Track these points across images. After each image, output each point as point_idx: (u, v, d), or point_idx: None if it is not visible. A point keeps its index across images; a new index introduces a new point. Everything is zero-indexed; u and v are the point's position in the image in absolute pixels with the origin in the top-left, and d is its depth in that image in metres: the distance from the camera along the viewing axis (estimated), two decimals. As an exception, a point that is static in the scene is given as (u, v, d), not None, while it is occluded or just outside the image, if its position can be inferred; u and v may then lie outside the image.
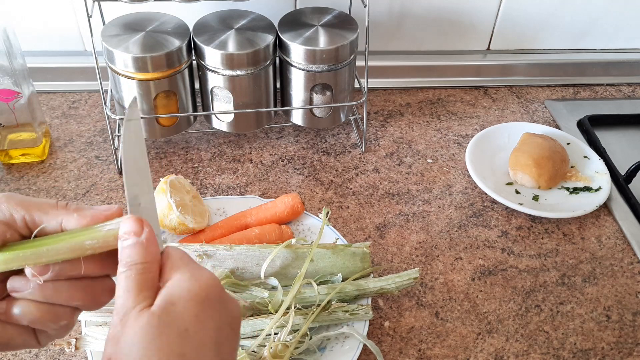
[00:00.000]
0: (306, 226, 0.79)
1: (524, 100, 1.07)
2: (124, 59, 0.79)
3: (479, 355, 0.68)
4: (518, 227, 0.83)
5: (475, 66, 1.10)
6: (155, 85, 0.82)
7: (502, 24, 1.08)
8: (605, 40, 1.13)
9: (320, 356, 0.64)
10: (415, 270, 0.69)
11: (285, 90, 0.90)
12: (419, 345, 0.69)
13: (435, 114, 1.03)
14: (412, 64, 1.08)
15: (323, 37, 0.84)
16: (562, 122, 1.02)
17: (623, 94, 1.11)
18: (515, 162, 0.88)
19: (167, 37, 0.81)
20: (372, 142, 0.96)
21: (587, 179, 0.89)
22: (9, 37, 0.78)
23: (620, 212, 0.86)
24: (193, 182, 0.87)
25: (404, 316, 0.71)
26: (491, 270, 0.78)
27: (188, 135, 0.94)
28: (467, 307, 0.73)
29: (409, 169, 0.92)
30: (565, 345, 0.70)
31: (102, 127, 0.95)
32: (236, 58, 0.81)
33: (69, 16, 0.97)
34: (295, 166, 0.91)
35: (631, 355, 0.69)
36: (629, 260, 0.80)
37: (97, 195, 0.84)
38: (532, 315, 0.73)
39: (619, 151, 0.97)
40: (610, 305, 0.74)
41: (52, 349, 0.65)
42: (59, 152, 0.91)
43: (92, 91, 1.01)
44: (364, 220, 0.83)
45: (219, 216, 0.80)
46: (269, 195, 0.85)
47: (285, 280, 0.68)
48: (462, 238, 0.82)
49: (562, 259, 0.80)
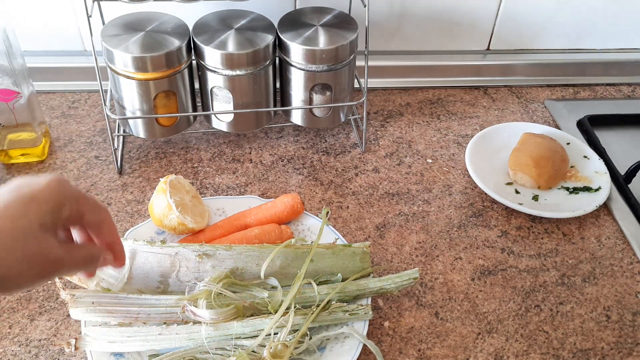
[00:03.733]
0: (306, 226, 0.79)
1: (523, 100, 1.07)
2: (123, 58, 0.79)
3: (478, 355, 0.68)
4: (518, 227, 0.83)
5: (475, 66, 1.10)
6: (155, 85, 0.82)
7: (502, 24, 1.08)
8: (605, 40, 1.13)
9: (320, 356, 0.64)
10: (415, 270, 0.69)
11: (285, 90, 0.90)
12: (418, 345, 0.69)
13: (435, 114, 1.03)
14: (412, 64, 1.08)
15: (323, 37, 0.84)
16: (562, 122, 1.02)
17: (623, 93, 1.11)
18: (515, 162, 0.88)
19: (166, 37, 0.81)
20: (372, 142, 0.96)
21: (586, 179, 0.89)
22: (9, 36, 0.78)
23: (620, 212, 0.86)
24: (193, 182, 0.87)
25: (404, 316, 0.71)
26: (491, 270, 0.78)
27: (188, 135, 0.94)
28: (466, 307, 0.73)
29: (409, 169, 0.92)
30: (565, 345, 0.70)
31: (101, 127, 0.95)
32: (236, 58, 0.81)
33: (69, 16, 0.97)
34: (295, 166, 0.91)
35: (631, 355, 0.69)
36: (628, 260, 0.80)
37: (96, 195, 0.84)
38: (532, 315, 0.73)
39: (618, 151, 0.97)
40: (610, 305, 0.74)
41: (52, 349, 0.65)
42: (58, 152, 0.90)
43: (91, 91, 1.01)
44: (363, 220, 0.83)
45: (219, 216, 0.79)
46: (269, 195, 0.85)
47: (285, 280, 0.68)
48: (461, 238, 0.82)
49: (562, 259, 0.80)
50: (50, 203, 0.48)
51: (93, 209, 0.52)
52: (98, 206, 0.53)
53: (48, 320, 0.68)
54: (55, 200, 0.48)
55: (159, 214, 0.73)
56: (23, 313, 0.69)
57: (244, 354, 0.60)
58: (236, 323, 0.63)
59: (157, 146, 0.93)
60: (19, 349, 0.65)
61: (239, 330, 0.62)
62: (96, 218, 0.52)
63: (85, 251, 0.53)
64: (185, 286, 0.67)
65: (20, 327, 0.68)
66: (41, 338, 0.67)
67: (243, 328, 0.63)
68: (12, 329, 0.67)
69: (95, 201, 0.53)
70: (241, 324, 0.63)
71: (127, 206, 0.83)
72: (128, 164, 0.89)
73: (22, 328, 0.68)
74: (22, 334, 0.67)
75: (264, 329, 0.63)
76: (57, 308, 0.70)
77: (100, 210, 0.53)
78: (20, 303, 0.70)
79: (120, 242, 0.56)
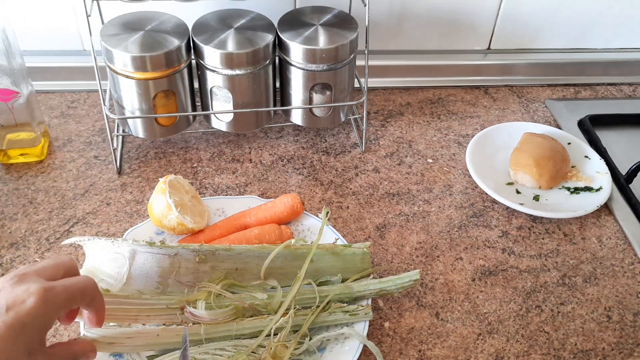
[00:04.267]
0: (306, 226, 0.78)
1: (524, 100, 1.07)
2: (123, 58, 0.79)
3: (479, 355, 0.68)
4: (519, 227, 0.83)
5: (476, 66, 1.10)
6: (155, 85, 0.81)
7: (502, 24, 1.08)
8: (605, 39, 1.13)
9: (320, 357, 0.64)
10: (416, 272, 0.69)
11: (284, 89, 0.90)
12: (419, 346, 0.68)
13: (435, 114, 1.02)
14: (412, 63, 1.08)
15: (323, 36, 0.84)
16: (563, 121, 1.02)
17: (624, 93, 1.10)
18: (516, 162, 0.88)
19: (166, 36, 0.81)
20: (372, 142, 0.96)
21: (587, 178, 0.89)
22: (8, 36, 0.78)
23: (621, 212, 0.86)
24: (192, 182, 0.87)
25: (404, 317, 0.71)
26: (492, 270, 0.77)
27: (187, 135, 0.94)
28: (467, 308, 0.73)
29: (409, 168, 0.91)
30: (566, 345, 0.69)
31: (100, 126, 0.95)
32: (235, 57, 0.81)
33: (68, 16, 0.97)
34: (294, 166, 0.90)
35: (632, 355, 0.69)
36: (629, 261, 0.80)
37: (95, 195, 0.84)
38: (533, 316, 0.72)
39: (619, 151, 0.96)
40: (611, 305, 0.74)
41: (50, 350, 0.65)
42: (57, 152, 0.90)
43: (90, 91, 1.01)
44: (363, 221, 0.83)
45: (218, 216, 0.79)
46: (269, 195, 0.85)
47: (285, 280, 0.68)
48: (462, 238, 0.81)
49: (563, 259, 0.79)
50: (37, 327, 0.46)
51: (82, 300, 0.51)
52: (85, 294, 0.51)
53: (47, 321, 0.68)
54: (43, 322, 0.47)
55: (158, 214, 0.73)
56: (22, 314, 0.69)
57: (244, 354, 0.60)
58: (236, 324, 0.63)
59: (156, 146, 0.92)
60: (17, 349, 0.65)
61: (239, 331, 0.62)
62: (85, 305, 0.52)
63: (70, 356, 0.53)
64: (185, 287, 0.66)
65: (19, 327, 0.67)
66: (40, 339, 0.66)
67: (242, 329, 0.62)
68: (11, 329, 0.67)
69: (82, 290, 0.51)
70: (241, 325, 0.63)
71: (126, 206, 0.82)
72: (127, 164, 0.89)
73: (21, 329, 0.67)
74: (21, 335, 0.67)
75: (263, 329, 0.62)
76: (56, 308, 0.69)
77: (87, 297, 0.51)
78: (19, 303, 0.70)
79: (104, 309, 0.54)
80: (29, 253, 0.75)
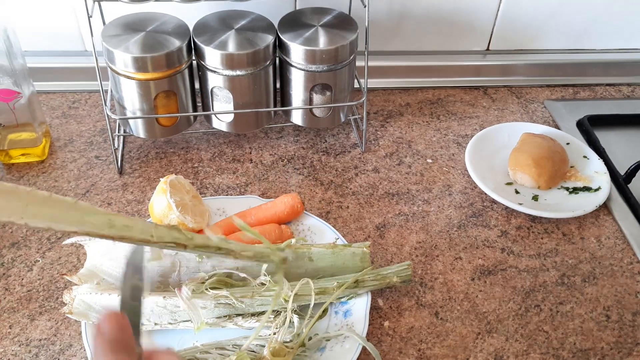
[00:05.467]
0: (306, 226, 0.79)
1: (523, 100, 1.07)
2: (124, 59, 0.79)
3: (478, 355, 0.68)
4: (518, 227, 0.84)
5: (475, 66, 1.10)
6: (155, 85, 0.82)
7: (501, 24, 1.08)
8: (605, 40, 1.13)
9: (320, 356, 0.64)
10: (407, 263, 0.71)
11: (285, 90, 0.90)
12: (418, 345, 0.69)
13: (435, 114, 1.03)
14: (412, 64, 1.08)
15: (323, 37, 0.84)
16: (562, 122, 1.02)
17: (623, 94, 1.11)
18: (515, 162, 0.88)
19: (167, 37, 0.81)
20: (372, 142, 0.96)
21: (586, 179, 0.89)
22: (9, 37, 0.79)
23: (620, 212, 0.86)
24: (193, 182, 0.87)
25: (404, 316, 0.72)
26: (491, 270, 0.78)
27: (188, 135, 0.94)
28: (466, 307, 0.73)
29: (409, 169, 0.92)
30: (565, 345, 0.70)
31: (102, 127, 0.95)
32: (236, 58, 0.81)
33: (69, 16, 0.97)
34: (295, 166, 0.91)
35: (631, 355, 0.69)
36: (628, 260, 0.80)
37: (97, 195, 0.84)
38: (532, 315, 0.73)
39: (618, 151, 0.97)
40: (609, 305, 0.74)
41: (52, 349, 0.66)
42: (59, 152, 0.91)
43: (92, 91, 1.01)
44: (363, 220, 0.83)
45: (219, 216, 0.80)
46: (269, 195, 0.86)
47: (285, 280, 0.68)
48: (461, 238, 0.82)
49: (562, 259, 0.80)
50: None
51: None
52: None
53: (48, 320, 0.68)
54: None
55: (159, 213, 0.74)
56: (23, 313, 0.69)
57: (244, 353, 0.61)
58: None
59: (157, 146, 0.93)
60: (19, 348, 0.66)
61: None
62: None
63: None
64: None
65: (21, 326, 0.68)
66: (41, 338, 0.67)
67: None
68: (12, 328, 0.68)
69: None
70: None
71: (127, 206, 0.83)
72: (128, 164, 0.89)
73: (22, 328, 0.68)
74: (22, 334, 0.67)
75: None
76: (57, 308, 0.70)
77: None
78: (20, 303, 0.70)
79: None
80: (30, 253, 0.76)
